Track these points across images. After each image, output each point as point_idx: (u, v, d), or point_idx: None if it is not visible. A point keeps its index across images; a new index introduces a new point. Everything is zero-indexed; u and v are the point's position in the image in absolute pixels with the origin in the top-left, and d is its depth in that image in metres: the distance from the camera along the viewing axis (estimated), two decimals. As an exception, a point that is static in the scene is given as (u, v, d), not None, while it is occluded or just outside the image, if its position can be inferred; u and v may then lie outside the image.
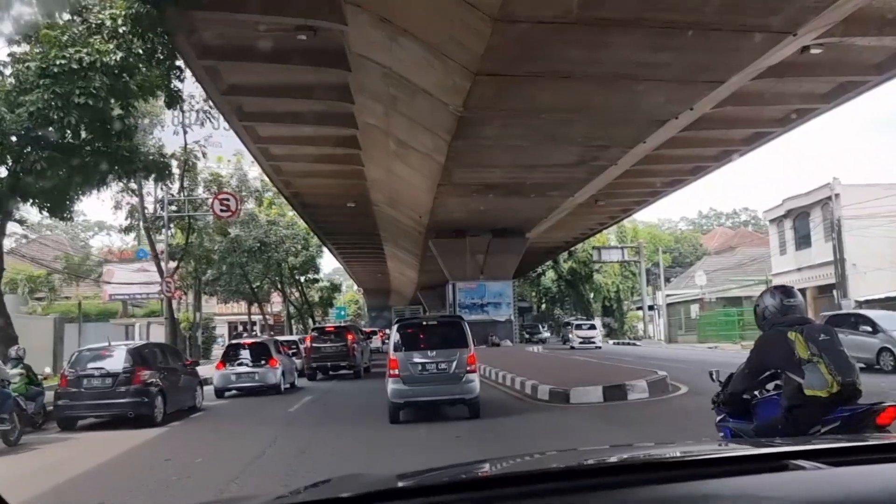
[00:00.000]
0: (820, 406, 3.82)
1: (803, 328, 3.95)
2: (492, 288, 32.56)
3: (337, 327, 22.64)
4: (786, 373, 3.99)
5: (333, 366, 20.57)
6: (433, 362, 10.58)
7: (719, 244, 65.24)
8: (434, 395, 10.62)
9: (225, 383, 16.09)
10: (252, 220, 31.85)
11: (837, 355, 3.89)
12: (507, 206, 26.82)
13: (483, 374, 18.41)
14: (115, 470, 8.51)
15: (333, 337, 20.83)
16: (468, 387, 10.61)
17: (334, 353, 20.25)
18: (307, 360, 20.50)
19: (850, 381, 3.82)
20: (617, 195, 32.39)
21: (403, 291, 72.29)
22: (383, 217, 34.84)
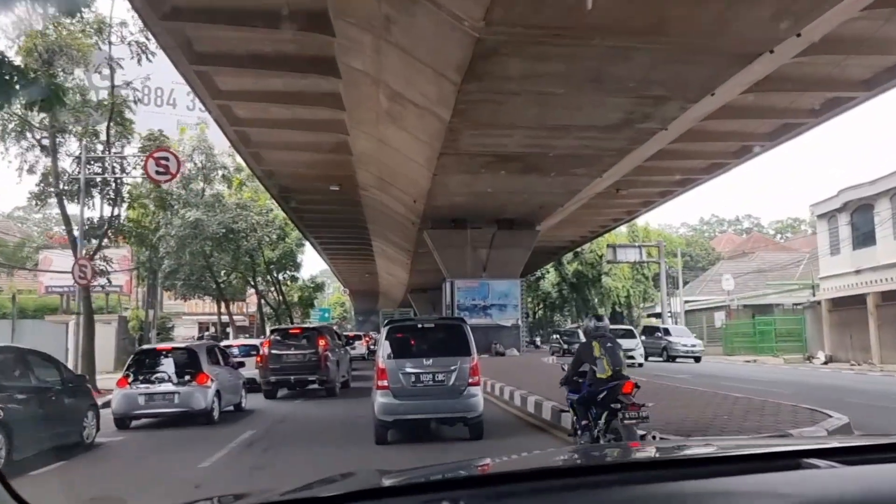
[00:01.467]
0: (603, 382, 7.06)
1: (600, 340, 7.26)
2: (496, 287, 28.05)
3: (304, 329, 17.58)
4: (590, 364, 7.30)
5: (298, 380, 15.72)
6: (429, 373, 9.18)
7: (730, 249, 61.33)
8: (429, 412, 9.26)
9: (128, 408, 10.95)
10: (218, 203, 27.23)
11: (615, 355, 7.15)
12: (519, 187, 22.35)
13: (486, 390, 15.25)
14: None
15: (299, 342, 16.01)
16: (470, 402, 9.19)
17: (299, 363, 15.46)
18: (263, 371, 15.89)
19: (618, 369, 7.08)
20: (640, 183, 28.16)
21: (392, 294, 68.06)
22: (372, 204, 30.31)
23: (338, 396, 15.86)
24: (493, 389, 17.06)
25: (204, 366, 10.90)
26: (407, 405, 9.09)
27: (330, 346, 15.87)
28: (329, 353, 15.59)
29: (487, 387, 17.44)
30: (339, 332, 25.11)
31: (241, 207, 28.07)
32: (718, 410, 10.40)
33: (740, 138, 22.36)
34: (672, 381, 18.13)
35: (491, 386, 17.28)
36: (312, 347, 15.60)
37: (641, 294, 48.40)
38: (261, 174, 26.82)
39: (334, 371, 15.77)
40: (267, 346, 15.83)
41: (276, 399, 15.76)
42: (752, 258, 49.43)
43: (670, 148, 22.30)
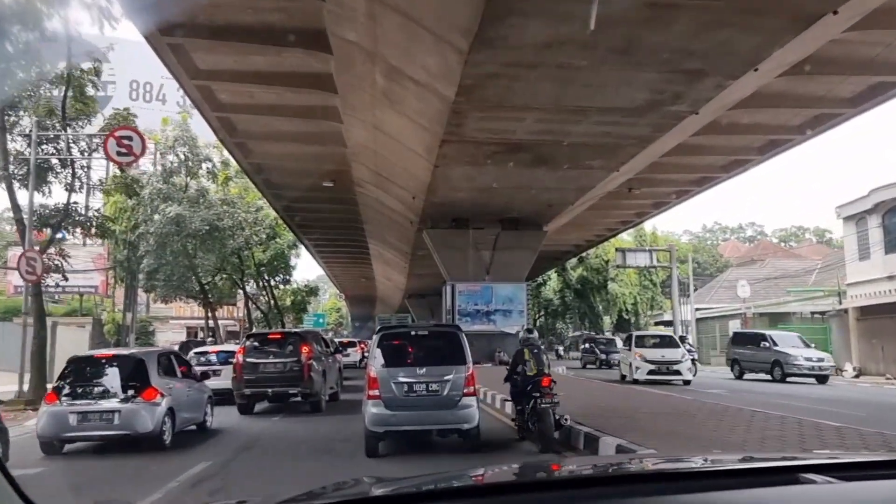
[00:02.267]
0: (530, 378, 9.28)
1: (529, 347, 9.74)
2: (500, 291, 26.18)
3: (285, 335, 15.22)
4: (522, 366, 9.66)
5: (277, 393, 13.66)
6: (422, 382, 8.93)
7: (738, 256, 59.65)
8: (423, 423, 9.02)
9: (57, 430, 8.82)
10: (201, 198, 25.35)
11: (539, 359, 9.54)
12: (528, 182, 20.53)
13: (488, 402, 14.89)
14: None
15: (278, 349, 13.90)
16: (465, 413, 8.93)
17: (278, 373, 13.38)
18: (237, 382, 13.66)
19: (541, 369, 9.33)
20: (655, 182, 26.42)
21: (390, 299, 66.28)
22: (368, 203, 28.51)
23: (324, 412, 13.90)
24: (495, 401, 15.30)
25: (153, 378, 8.80)
26: (399, 416, 8.78)
27: (314, 354, 13.89)
28: (313, 361, 13.61)
29: (487, 398, 15.68)
30: (330, 337, 23.16)
31: (226, 204, 26.17)
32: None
33: (767, 132, 20.58)
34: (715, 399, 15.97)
35: (491, 397, 15.49)
36: (294, 355, 13.57)
37: (649, 301, 46.52)
38: (248, 168, 24.99)
39: (319, 382, 13.80)
40: (241, 353, 13.80)
41: (253, 414, 13.77)
42: (762, 265, 47.67)
43: (690, 142, 20.61)
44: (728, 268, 52.69)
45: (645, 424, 10.09)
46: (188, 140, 24.41)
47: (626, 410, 12.28)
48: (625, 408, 12.79)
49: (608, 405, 13.21)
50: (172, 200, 23.99)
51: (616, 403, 13.72)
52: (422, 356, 9.30)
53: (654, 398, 15.19)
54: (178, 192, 24.72)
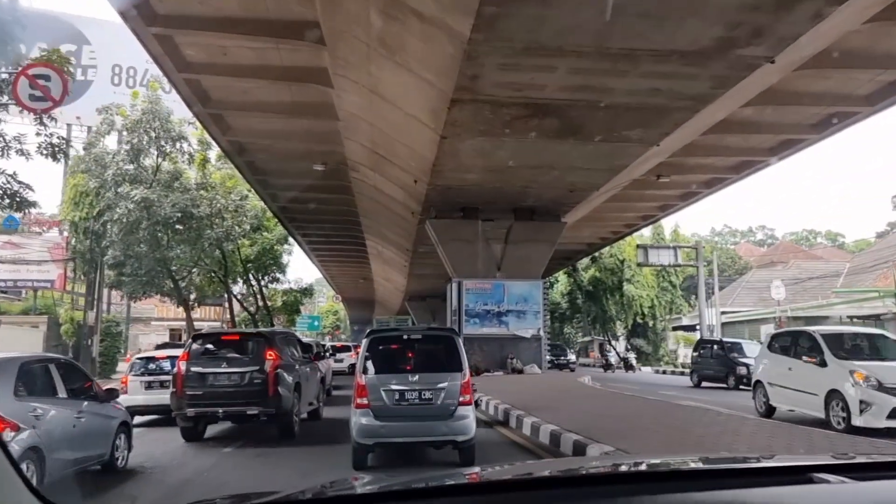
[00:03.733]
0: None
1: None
2: (513, 290, 23.12)
3: (244, 336, 11.74)
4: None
5: (231, 414, 10.37)
6: (415, 390, 8.15)
7: (755, 258, 56.84)
8: (414, 435, 8.19)
9: None
10: (174, 181, 22.29)
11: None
12: (551, 159, 17.55)
13: (499, 419, 12.80)
14: None
15: (235, 355, 10.52)
16: (460, 424, 8.09)
17: (234, 387, 10.08)
18: (177, 398, 10.18)
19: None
20: (686, 168, 23.52)
21: (389, 302, 63.36)
22: (364, 191, 25.52)
23: (297, 438, 10.55)
24: (498, 412, 12.38)
25: (3, 402, 5.78)
26: (389, 427, 8.15)
27: (284, 362, 10.66)
28: (282, 370, 10.38)
29: (492, 409, 12.75)
30: (315, 340, 20.09)
31: (204, 188, 23.09)
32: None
33: (831, 102, 17.58)
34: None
35: (504, 413, 12.52)
36: (255, 363, 10.23)
37: (668, 304, 43.43)
38: (228, 148, 21.98)
39: (290, 398, 10.46)
40: (184, 360, 10.25)
41: (203, 441, 10.53)
42: (786, 266, 44.70)
43: (738, 116, 17.82)
44: (746, 270, 49.67)
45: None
46: (159, 114, 21.38)
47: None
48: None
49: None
50: (140, 183, 20.98)
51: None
52: (414, 362, 8.68)
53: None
54: (148, 173, 21.70)
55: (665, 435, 9.58)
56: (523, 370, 22.06)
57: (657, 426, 10.50)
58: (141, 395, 11.60)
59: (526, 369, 22.12)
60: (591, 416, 11.28)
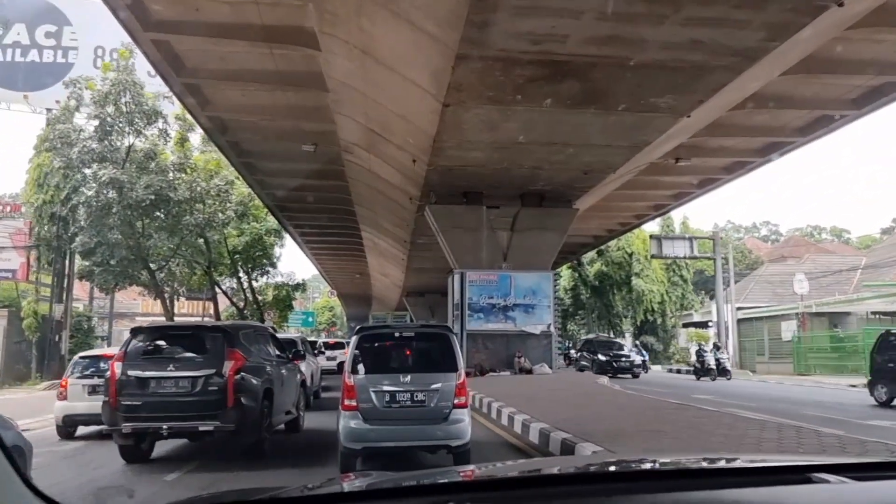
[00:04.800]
0: None
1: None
2: (521, 282, 21.19)
3: (197, 331, 9.35)
4: None
5: (179, 430, 8.24)
6: (407, 391, 7.65)
7: (765, 254, 55.17)
8: (406, 439, 7.70)
9: None
10: (148, 161, 20.30)
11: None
12: (566, 133, 15.66)
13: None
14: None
15: (184, 355, 8.43)
16: (455, 428, 7.64)
17: (183, 396, 8.02)
18: (110, 410, 8.07)
19: None
20: (707, 151, 21.85)
21: (387, 298, 61.55)
22: (359, 176, 23.63)
23: (268, 456, 8.68)
24: (501, 416, 10.52)
25: None
26: (379, 430, 7.60)
27: (250, 363, 8.57)
28: (247, 374, 8.34)
29: (491, 411, 11.16)
30: (300, 336, 18.16)
31: (182, 169, 21.09)
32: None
33: (880, 70, 15.74)
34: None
35: (498, 411, 10.66)
36: (212, 365, 8.12)
37: (679, 299, 41.51)
38: (208, 125, 20.07)
39: (256, 409, 8.37)
40: (119, 361, 8.15)
41: (149, 463, 8.47)
42: (801, 261, 42.86)
43: (771, 89, 16.04)
44: (757, 264, 47.83)
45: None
46: (131, 86, 19.40)
47: None
48: None
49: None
50: (109, 162, 19.03)
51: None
52: (406, 361, 8.29)
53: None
54: (119, 153, 19.72)
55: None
56: (532, 370, 20.16)
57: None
58: (83, 402, 9.58)
59: (535, 369, 20.21)
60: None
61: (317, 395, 16.08)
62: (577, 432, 8.70)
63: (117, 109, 19.49)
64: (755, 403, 15.84)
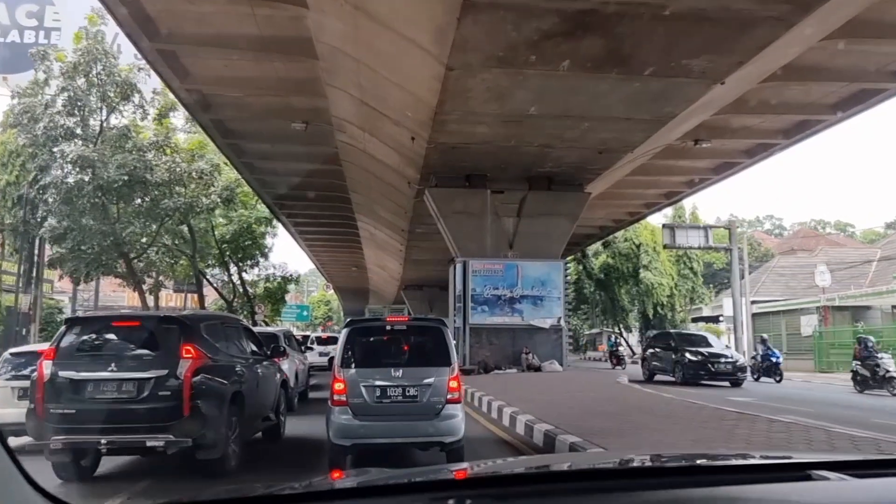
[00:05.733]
0: None
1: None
2: (529, 272, 19.60)
3: (146, 322, 7.44)
4: None
5: (121, 445, 6.44)
6: (398, 386, 7.36)
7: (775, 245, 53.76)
8: (397, 435, 7.39)
9: None
10: (123, 139, 18.60)
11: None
12: (583, 104, 14.05)
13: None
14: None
15: (129, 353, 6.65)
16: (448, 425, 7.33)
17: (125, 402, 6.21)
18: (34, 420, 6.26)
19: None
20: (729, 131, 20.40)
21: (384, 291, 60.05)
22: (354, 158, 22.03)
23: (236, 473, 7.03)
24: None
25: None
26: (369, 427, 7.28)
27: (212, 362, 6.97)
28: (209, 375, 6.77)
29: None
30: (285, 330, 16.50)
31: (160, 148, 19.39)
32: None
33: None
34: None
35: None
36: (164, 364, 6.52)
37: (689, 292, 39.93)
38: (188, 101, 18.42)
39: (219, 419, 6.80)
40: (48, 359, 6.52)
41: (91, 481, 6.78)
42: (814, 254, 41.33)
43: (807, 60, 14.60)
44: (768, 257, 46.28)
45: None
46: (101, 56, 17.69)
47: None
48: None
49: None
50: (80, 139, 17.40)
51: None
52: (398, 355, 7.95)
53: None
54: (89, 129, 18.05)
55: None
56: (541, 367, 18.56)
57: None
58: (12, 409, 7.83)
59: (545, 366, 18.61)
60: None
61: (304, 396, 14.48)
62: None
63: (88, 81, 17.85)
64: (829, 411, 12.91)
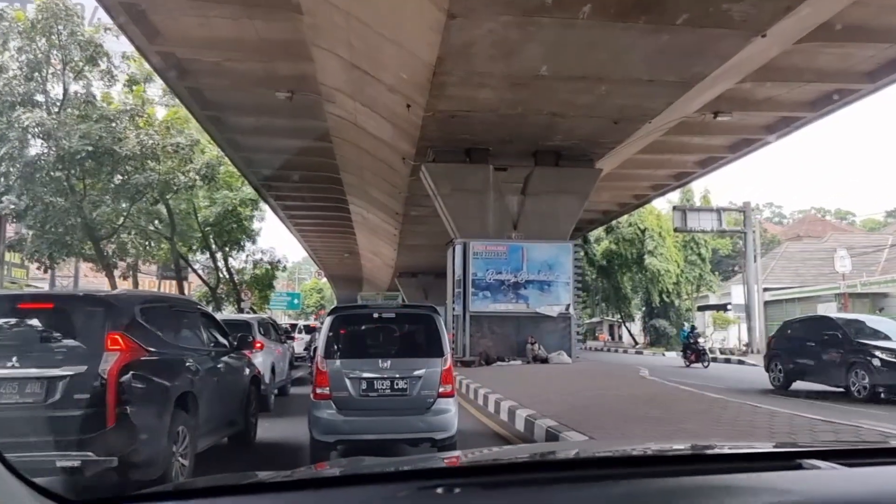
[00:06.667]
0: None
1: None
2: (535, 254, 18.03)
3: (60, 303, 5.38)
4: None
5: (18, 466, 2.27)
6: (386, 378, 6.88)
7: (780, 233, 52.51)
8: (384, 431, 6.86)
9: None
10: (87, 105, 16.84)
11: None
12: (602, 61, 12.45)
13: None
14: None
15: (37, 343, 4.77)
16: (440, 420, 6.87)
17: (27, 409, 4.38)
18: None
19: None
20: (752, 103, 18.82)
21: (378, 279, 58.54)
22: (344, 132, 20.37)
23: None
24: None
25: None
26: (355, 422, 6.78)
27: (145, 357, 5.10)
28: (144, 374, 4.98)
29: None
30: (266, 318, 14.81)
31: (130, 118, 17.61)
32: None
33: None
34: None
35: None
36: (80, 359, 4.70)
37: (697, 279, 38.37)
38: (161, 66, 16.69)
39: (154, 427, 4.97)
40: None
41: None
42: (823, 240, 39.91)
43: (848, 17, 13.07)
44: (774, 244, 44.84)
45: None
46: (63, 13, 15.90)
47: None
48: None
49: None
50: (39, 107, 15.70)
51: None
52: (386, 345, 7.54)
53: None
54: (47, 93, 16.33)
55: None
56: (548, 359, 17.01)
57: None
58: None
59: (552, 357, 17.06)
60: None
61: (284, 392, 12.90)
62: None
63: (49, 43, 16.13)
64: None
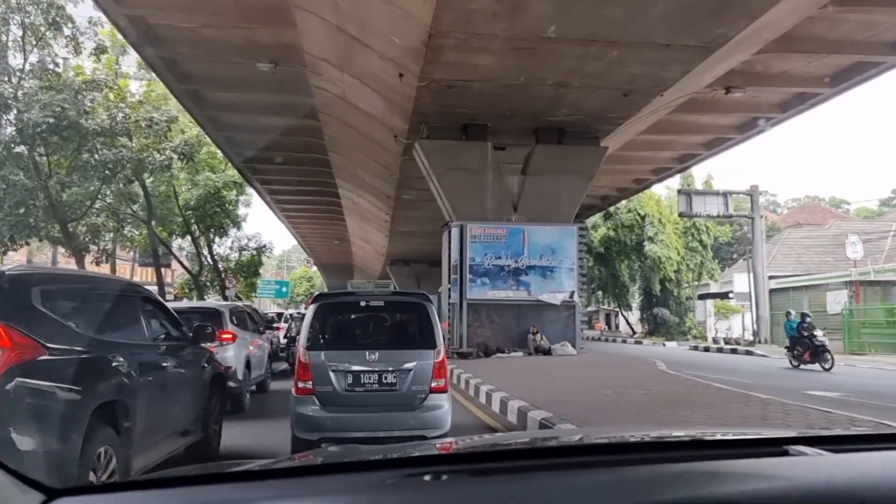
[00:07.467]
0: None
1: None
2: (537, 238, 16.81)
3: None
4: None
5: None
6: (374, 371, 6.45)
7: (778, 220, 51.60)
8: (372, 429, 6.34)
9: None
10: (50, 74, 15.46)
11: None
12: (615, 21, 11.22)
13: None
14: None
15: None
16: (432, 416, 6.43)
17: None
18: None
19: None
20: (767, 77, 17.69)
21: (369, 267, 57.33)
22: (331, 109, 19.09)
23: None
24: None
25: None
26: (340, 419, 6.33)
27: (45, 356, 3.59)
28: (40, 380, 3.44)
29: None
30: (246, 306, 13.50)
31: (99, 88, 16.22)
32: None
33: None
34: None
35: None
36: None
37: (698, 267, 37.25)
38: (130, 30, 15.31)
39: (56, 448, 3.29)
40: None
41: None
42: (826, 227, 38.89)
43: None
44: (774, 231, 43.80)
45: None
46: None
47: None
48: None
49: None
50: (-6, 76, 14.33)
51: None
52: (374, 335, 7.20)
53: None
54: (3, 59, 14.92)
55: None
56: (551, 350, 15.83)
57: None
58: None
59: (556, 348, 15.88)
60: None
61: (263, 388, 11.65)
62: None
63: (5, 3, 14.76)
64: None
